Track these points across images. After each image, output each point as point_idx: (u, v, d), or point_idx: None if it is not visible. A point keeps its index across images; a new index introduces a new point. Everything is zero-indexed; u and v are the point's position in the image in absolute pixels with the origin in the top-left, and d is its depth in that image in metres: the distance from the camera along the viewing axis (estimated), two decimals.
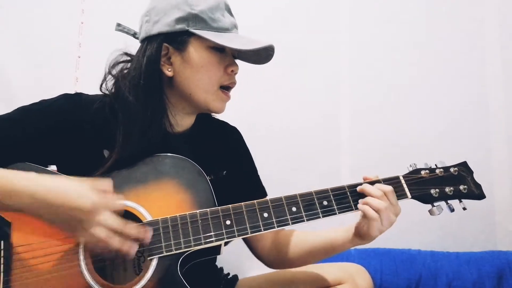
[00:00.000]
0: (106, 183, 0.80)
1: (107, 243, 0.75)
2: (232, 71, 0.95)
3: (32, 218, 0.78)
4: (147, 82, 0.91)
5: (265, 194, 1.08)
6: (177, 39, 0.92)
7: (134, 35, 0.99)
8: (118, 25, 0.99)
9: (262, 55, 0.98)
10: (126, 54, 0.97)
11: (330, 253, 0.99)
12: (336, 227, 0.99)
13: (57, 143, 0.88)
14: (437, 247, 1.54)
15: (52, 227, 0.80)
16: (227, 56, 0.95)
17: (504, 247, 1.55)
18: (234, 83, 0.97)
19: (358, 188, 0.90)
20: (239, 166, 1.06)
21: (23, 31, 1.59)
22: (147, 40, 0.93)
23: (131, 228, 0.78)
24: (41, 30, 1.60)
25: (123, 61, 0.96)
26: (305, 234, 1.03)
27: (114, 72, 0.95)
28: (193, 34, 0.91)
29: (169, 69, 0.93)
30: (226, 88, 0.97)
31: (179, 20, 0.90)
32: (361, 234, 0.90)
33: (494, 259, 1.46)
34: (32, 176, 0.78)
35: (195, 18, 0.90)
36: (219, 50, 0.93)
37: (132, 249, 0.78)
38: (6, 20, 1.59)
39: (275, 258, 1.06)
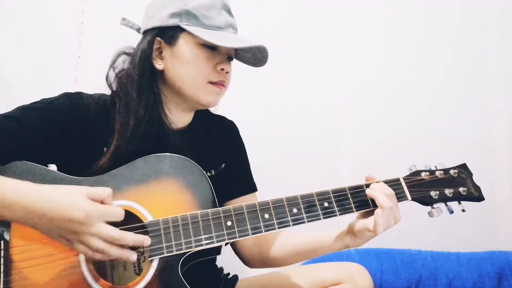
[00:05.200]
0: (103, 191, 0.77)
1: (105, 253, 0.74)
2: (222, 69, 0.95)
3: None
4: (139, 74, 0.93)
5: (255, 189, 1.10)
6: (168, 33, 0.93)
7: (138, 30, 1.01)
8: (123, 19, 1.01)
9: (257, 57, 0.98)
10: (131, 47, 0.99)
11: (315, 253, 0.98)
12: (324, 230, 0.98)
13: (58, 142, 0.88)
14: (437, 247, 1.54)
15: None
16: (219, 55, 0.96)
17: (504, 247, 1.55)
18: (224, 81, 0.96)
19: (367, 191, 0.89)
20: (235, 159, 1.08)
21: (23, 31, 1.59)
22: (144, 34, 0.97)
23: (129, 236, 0.76)
24: (41, 30, 1.59)
25: (125, 53, 0.98)
26: (289, 233, 1.03)
27: (117, 62, 0.97)
28: (184, 30, 0.92)
29: (160, 63, 0.95)
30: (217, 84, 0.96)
31: (172, 15, 0.92)
32: (353, 231, 0.89)
33: (494, 259, 1.46)
34: (25, 187, 0.75)
35: (188, 14, 0.92)
36: (210, 47, 0.94)
37: (131, 257, 0.77)
38: (6, 20, 1.59)
39: (255, 256, 1.06)
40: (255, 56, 0.99)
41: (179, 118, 1.00)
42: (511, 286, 1.39)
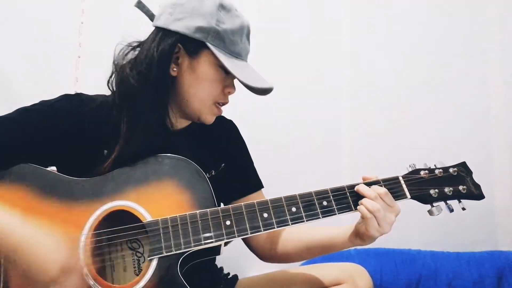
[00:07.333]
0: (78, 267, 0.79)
1: None
2: (229, 92, 0.98)
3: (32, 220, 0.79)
4: (156, 73, 0.90)
5: (261, 186, 1.10)
6: (192, 45, 0.91)
7: (151, 17, 0.97)
8: (139, 2, 0.97)
9: (259, 91, 0.97)
10: (135, 42, 0.96)
11: (327, 251, 1.00)
12: (336, 226, 0.99)
13: (58, 143, 0.88)
14: (437, 247, 1.54)
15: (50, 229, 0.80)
16: (229, 78, 0.96)
17: (504, 247, 1.55)
18: (227, 102, 1.00)
19: (355, 188, 0.90)
20: (236, 158, 1.08)
21: (23, 31, 1.59)
22: (163, 32, 0.92)
23: None
24: (41, 30, 1.60)
25: (131, 49, 0.95)
26: (302, 230, 1.03)
27: (121, 63, 0.94)
28: (207, 47, 0.91)
29: (174, 69, 0.93)
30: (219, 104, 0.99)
31: (200, 29, 0.90)
32: (359, 234, 0.90)
33: (494, 259, 1.46)
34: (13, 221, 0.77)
35: (216, 35, 0.91)
36: (225, 70, 0.93)
37: None
38: (6, 20, 1.59)
39: (268, 252, 1.06)
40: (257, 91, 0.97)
41: (180, 120, 1.00)
42: (511, 286, 1.39)
